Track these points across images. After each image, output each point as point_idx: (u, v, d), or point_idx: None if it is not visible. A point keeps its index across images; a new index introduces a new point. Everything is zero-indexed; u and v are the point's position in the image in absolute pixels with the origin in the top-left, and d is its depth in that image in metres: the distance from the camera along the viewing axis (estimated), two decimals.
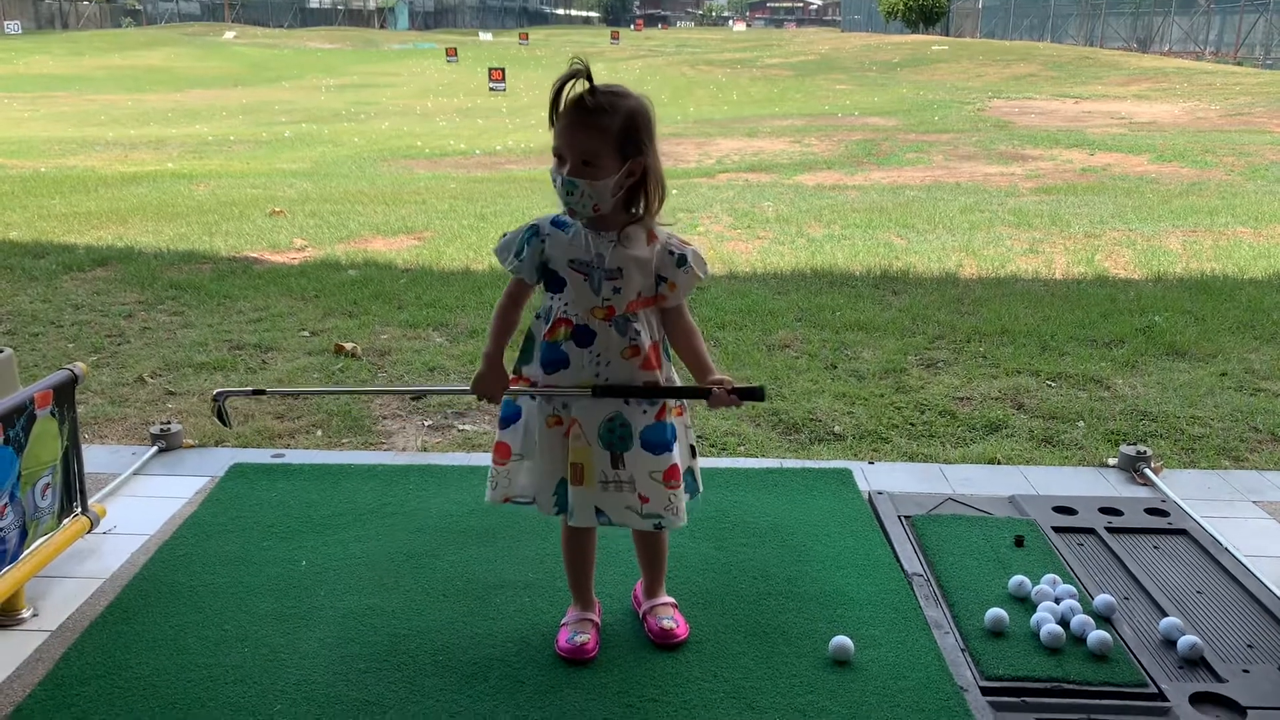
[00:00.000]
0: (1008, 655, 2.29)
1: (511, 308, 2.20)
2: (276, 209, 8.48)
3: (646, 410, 2.14)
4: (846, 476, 3.26)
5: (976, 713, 2.11)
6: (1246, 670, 2.25)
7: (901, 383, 4.20)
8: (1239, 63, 28.21)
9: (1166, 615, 2.43)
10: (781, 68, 31.35)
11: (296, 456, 3.43)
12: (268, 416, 3.79)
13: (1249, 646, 2.35)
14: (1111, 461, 3.43)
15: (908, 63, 30.08)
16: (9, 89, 25.16)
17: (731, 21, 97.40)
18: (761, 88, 25.61)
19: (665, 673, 2.25)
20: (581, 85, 1.98)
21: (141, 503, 3.07)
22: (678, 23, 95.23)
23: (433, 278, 6.06)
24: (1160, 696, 2.16)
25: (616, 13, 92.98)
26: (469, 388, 2.18)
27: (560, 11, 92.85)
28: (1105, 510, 3.01)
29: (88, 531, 2.68)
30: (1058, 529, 2.89)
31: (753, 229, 7.73)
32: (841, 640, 2.29)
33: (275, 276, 6.03)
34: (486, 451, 2.55)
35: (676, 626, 2.36)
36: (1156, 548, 2.82)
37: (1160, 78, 23.92)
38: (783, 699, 2.15)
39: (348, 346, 4.60)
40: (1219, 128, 15.01)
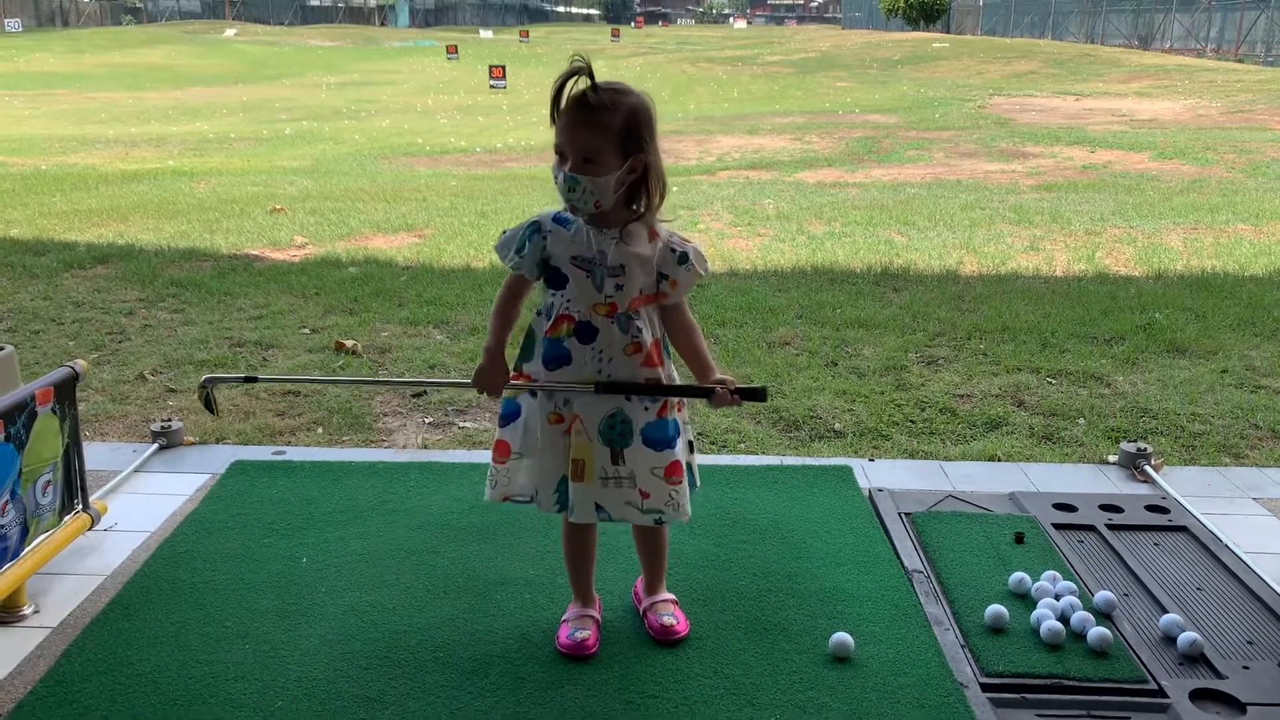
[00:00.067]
0: (1008, 652, 2.29)
1: (511, 302, 2.20)
2: (277, 206, 8.48)
3: (648, 407, 2.14)
4: (847, 473, 3.27)
5: (976, 709, 2.11)
6: (1246, 666, 2.25)
7: (902, 380, 4.21)
8: (1240, 60, 28.16)
9: (1167, 612, 2.43)
10: (782, 65, 31.34)
11: (297, 453, 3.44)
12: (269, 414, 3.80)
13: (1249, 643, 2.35)
14: (1112, 458, 3.43)
15: (908, 60, 30.06)
16: (10, 87, 25.19)
17: (732, 19, 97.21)
18: (762, 85, 25.62)
19: (665, 669, 2.25)
20: (583, 83, 1.98)
21: (142, 500, 3.08)
22: (678, 20, 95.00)
23: (433, 275, 6.06)
24: (1160, 693, 2.16)
25: (617, 10, 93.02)
26: (470, 381, 2.19)
27: (561, 9, 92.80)
28: (1105, 507, 3.01)
29: (89, 528, 2.69)
30: (1058, 526, 2.90)
31: (753, 226, 7.73)
32: (842, 637, 2.30)
33: (276, 274, 6.03)
34: (487, 449, 2.55)
35: (677, 623, 2.36)
36: (1157, 544, 2.82)
37: (1161, 75, 23.90)
38: (783, 695, 2.16)
39: (348, 344, 4.60)
40: (1220, 125, 15.00)
